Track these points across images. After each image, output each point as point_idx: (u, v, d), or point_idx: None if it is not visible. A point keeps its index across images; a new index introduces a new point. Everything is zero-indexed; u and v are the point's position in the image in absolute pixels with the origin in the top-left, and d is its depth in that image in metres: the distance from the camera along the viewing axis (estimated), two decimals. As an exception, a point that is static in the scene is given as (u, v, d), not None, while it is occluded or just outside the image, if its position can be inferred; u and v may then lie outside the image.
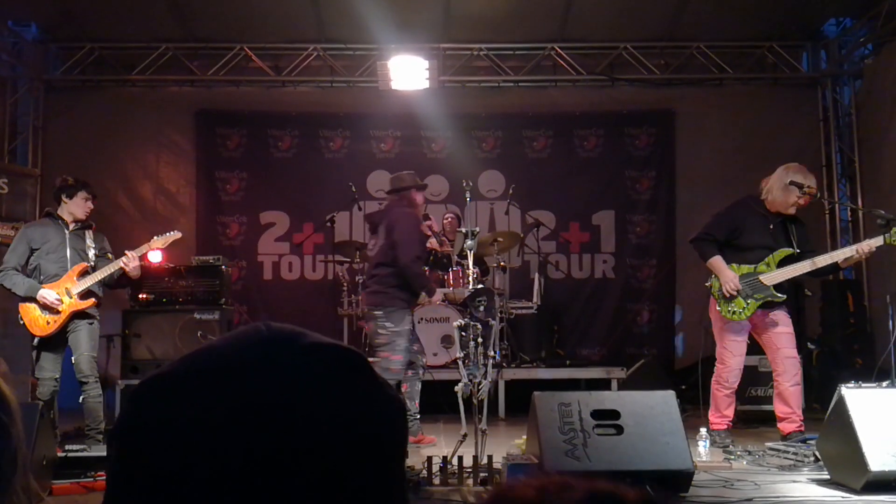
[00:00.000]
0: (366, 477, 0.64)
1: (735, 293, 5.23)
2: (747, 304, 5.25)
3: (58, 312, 5.27)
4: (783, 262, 5.29)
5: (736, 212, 5.48)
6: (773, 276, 5.26)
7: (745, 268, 5.31)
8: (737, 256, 5.34)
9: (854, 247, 5.24)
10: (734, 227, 5.38)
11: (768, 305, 5.31)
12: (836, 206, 8.93)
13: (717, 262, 5.34)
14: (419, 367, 5.89)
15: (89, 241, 5.47)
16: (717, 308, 5.33)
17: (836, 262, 5.24)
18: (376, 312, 5.71)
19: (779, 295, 5.26)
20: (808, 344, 7.67)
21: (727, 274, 5.27)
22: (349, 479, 0.63)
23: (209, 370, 0.64)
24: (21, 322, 5.37)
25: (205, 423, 0.61)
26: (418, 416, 5.86)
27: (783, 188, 5.31)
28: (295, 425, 0.61)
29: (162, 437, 0.62)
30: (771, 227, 5.35)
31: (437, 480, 4.25)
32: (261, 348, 0.65)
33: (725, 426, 5.41)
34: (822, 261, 5.21)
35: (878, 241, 5.13)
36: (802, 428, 5.24)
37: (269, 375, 0.63)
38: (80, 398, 5.36)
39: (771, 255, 5.30)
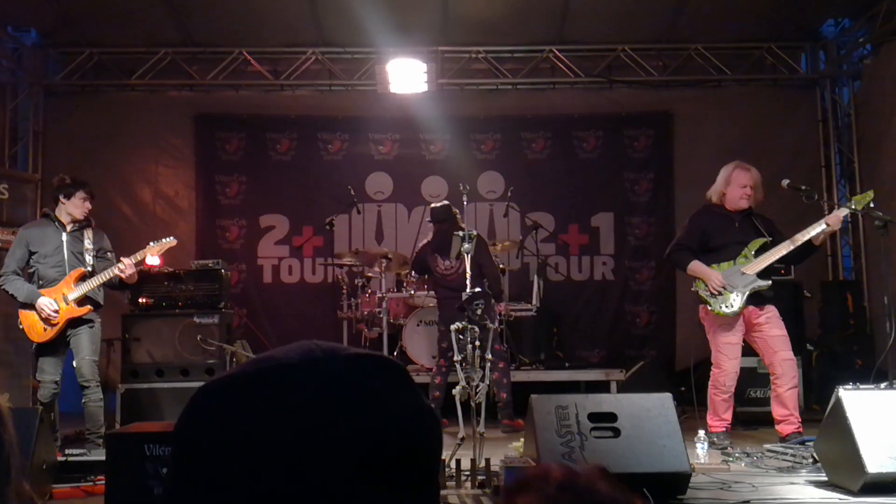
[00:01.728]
0: (410, 480, 0.68)
1: (721, 289, 5.26)
2: (737, 296, 5.28)
3: (54, 325, 5.28)
4: (759, 252, 5.37)
5: (698, 219, 5.62)
6: (755, 265, 5.34)
7: (725, 265, 5.38)
8: (713, 257, 5.42)
9: (823, 220, 5.31)
10: (701, 231, 5.51)
11: (758, 299, 5.34)
12: (836, 207, 8.92)
13: (696, 265, 5.41)
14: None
15: (87, 243, 5.45)
16: (710, 308, 5.36)
17: (812, 242, 5.31)
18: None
19: (764, 282, 5.31)
20: (808, 345, 7.67)
21: (710, 273, 5.34)
22: (395, 481, 0.67)
23: (266, 376, 0.69)
24: (20, 326, 5.39)
25: (260, 425, 0.65)
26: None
27: (726, 183, 5.47)
28: (345, 427, 0.66)
29: (219, 437, 0.66)
30: (736, 224, 5.47)
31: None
32: (312, 356, 0.70)
33: (724, 429, 5.42)
34: (801, 237, 5.30)
35: (843, 212, 5.41)
36: (801, 429, 5.25)
37: (319, 381, 0.68)
38: (82, 402, 5.37)
39: (746, 248, 5.38)
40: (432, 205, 6.92)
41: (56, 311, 5.24)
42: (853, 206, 5.42)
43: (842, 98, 9.42)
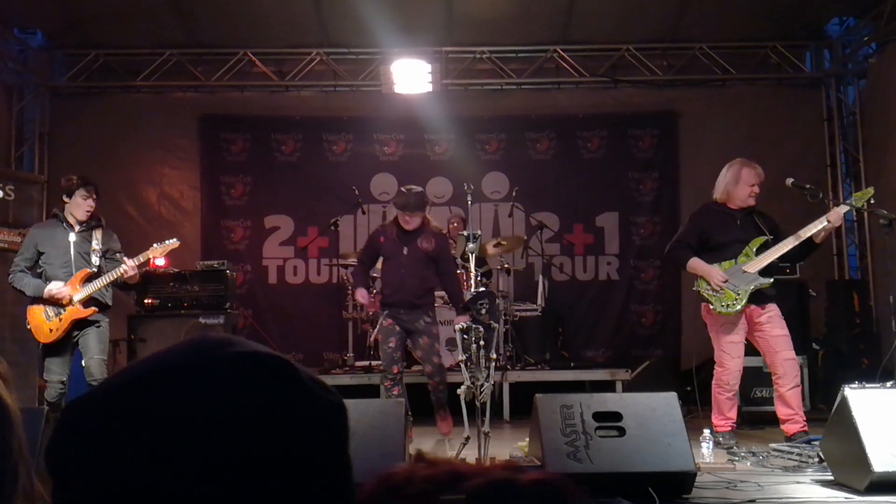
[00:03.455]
0: (291, 482, 0.64)
1: (723, 284, 5.25)
2: (738, 295, 5.27)
3: (64, 308, 5.28)
4: (760, 250, 5.36)
5: (699, 217, 5.61)
6: (756, 263, 5.32)
7: (727, 264, 5.36)
8: (714, 256, 5.40)
9: (824, 217, 5.30)
10: (702, 229, 5.49)
11: (760, 298, 5.32)
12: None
13: (695, 262, 5.40)
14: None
15: (95, 243, 5.46)
16: (711, 307, 5.35)
17: (812, 240, 5.30)
18: None
19: (765, 280, 5.29)
20: (814, 344, 7.65)
21: (709, 269, 5.32)
22: (273, 485, 0.63)
23: (132, 384, 0.66)
24: (27, 326, 5.41)
25: (126, 437, 0.62)
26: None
27: (734, 182, 5.43)
28: (213, 434, 0.62)
29: (85, 454, 0.63)
30: (738, 221, 5.45)
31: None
32: (188, 359, 0.67)
33: (729, 428, 5.41)
34: (804, 233, 5.29)
35: (844, 208, 5.40)
36: (806, 428, 5.24)
37: (188, 386, 0.64)
38: (88, 402, 5.38)
39: (747, 246, 5.37)
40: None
41: (66, 288, 5.26)
42: (853, 203, 5.40)
43: (847, 97, 9.40)
